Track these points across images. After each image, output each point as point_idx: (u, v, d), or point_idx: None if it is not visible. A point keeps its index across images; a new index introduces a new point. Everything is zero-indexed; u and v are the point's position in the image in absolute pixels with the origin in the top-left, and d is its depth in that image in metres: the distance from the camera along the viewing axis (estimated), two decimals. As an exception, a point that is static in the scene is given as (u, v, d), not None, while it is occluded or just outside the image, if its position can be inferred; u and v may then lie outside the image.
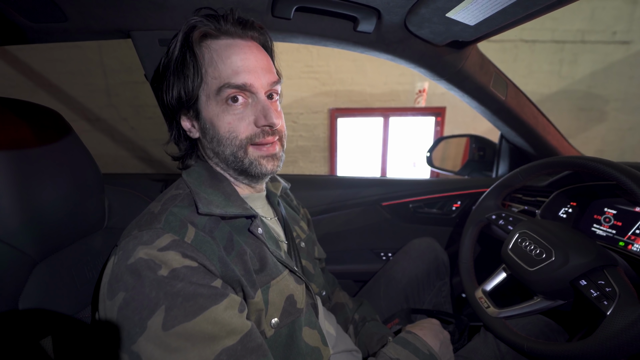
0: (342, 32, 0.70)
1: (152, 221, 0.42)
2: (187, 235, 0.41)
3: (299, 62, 2.78)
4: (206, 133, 0.50)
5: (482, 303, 0.70)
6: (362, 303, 0.76)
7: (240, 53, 0.47)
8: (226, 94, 0.46)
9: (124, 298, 0.36)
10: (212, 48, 0.47)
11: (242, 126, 0.47)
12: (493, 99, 0.88)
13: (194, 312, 0.36)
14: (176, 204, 0.45)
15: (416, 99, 2.93)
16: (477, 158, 1.22)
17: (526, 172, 0.71)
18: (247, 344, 0.38)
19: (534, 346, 0.56)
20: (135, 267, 0.37)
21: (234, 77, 0.46)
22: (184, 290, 0.36)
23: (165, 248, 0.39)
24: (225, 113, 0.47)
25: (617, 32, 2.77)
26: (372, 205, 1.12)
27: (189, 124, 0.51)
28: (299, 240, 0.65)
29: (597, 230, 0.66)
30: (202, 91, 0.48)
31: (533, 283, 0.60)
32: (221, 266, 0.42)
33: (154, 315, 0.35)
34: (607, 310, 0.48)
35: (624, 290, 0.48)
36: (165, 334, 0.34)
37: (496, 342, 0.65)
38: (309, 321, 0.51)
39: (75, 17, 0.59)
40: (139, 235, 0.40)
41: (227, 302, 0.39)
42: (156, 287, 0.36)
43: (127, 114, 2.82)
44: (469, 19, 0.60)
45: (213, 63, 0.46)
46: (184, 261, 0.39)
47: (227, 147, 0.48)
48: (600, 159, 0.56)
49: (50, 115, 0.52)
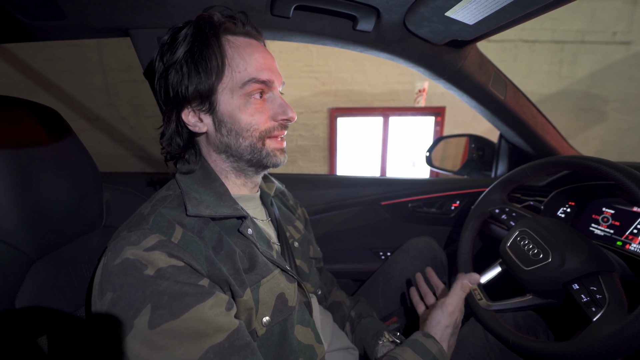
0: (341, 31, 0.70)
1: (141, 222, 0.43)
2: (174, 235, 0.42)
3: (299, 61, 2.77)
4: (222, 126, 0.49)
5: (476, 295, 0.71)
6: (358, 300, 0.77)
7: (261, 51, 0.50)
8: (251, 89, 0.48)
9: (111, 298, 0.36)
10: (234, 44, 0.49)
11: (262, 119, 0.50)
12: (492, 99, 0.87)
13: (180, 310, 0.36)
14: (165, 205, 0.46)
15: (416, 98, 2.93)
16: (476, 158, 1.22)
17: (534, 169, 0.69)
18: (234, 342, 0.38)
19: (518, 341, 0.59)
20: (122, 267, 0.37)
21: (260, 73, 0.48)
22: (170, 289, 0.37)
23: (151, 248, 0.39)
24: (247, 106, 0.49)
25: (617, 33, 2.77)
26: (371, 205, 1.12)
27: (194, 118, 0.50)
28: (292, 240, 0.65)
29: (595, 229, 0.66)
30: (222, 84, 0.48)
31: (526, 282, 0.61)
32: (208, 265, 0.42)
33: (140, 314, 0.35)
34: (594, 317, 0.49)
35: (614, 298, 0.49)
36: (152, 332, 0.35)
37: (484, 333, 0.66)
38: (301, 319, 0.51)
39: (74, 15, 0.59)
40: (127, 236, 0.41)
41: (214, 301, 0.39)
42: (142, 287, 0.36)
43: (126, 113, 2.81)
44: (468, 18, 0.60)
45: (237, 57, 0.48)
46: (170, 261, 0.39)
47: (247, 139, 0.49)
48: (606, 160, 0.55)
49: (48, 114, 0.52)
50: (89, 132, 2.80)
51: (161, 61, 0.48)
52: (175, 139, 0.51)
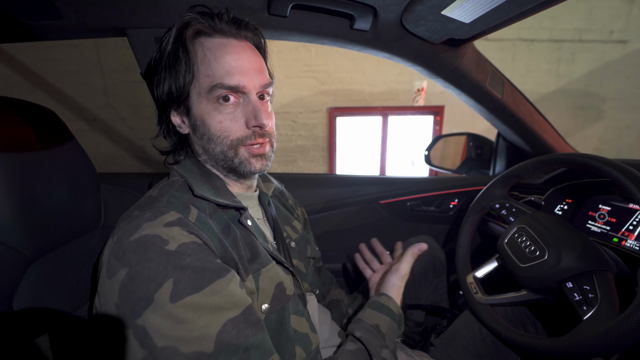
0: (338, 30, 0.70)
1: (153, 202, 0.43)
2: (190, 214, 0.43)
3: (298, 61, 2.77)
4: (196, 130, 0.50)
5: (472, 288, 0.72)
6: (356, 298, 0.77)
7: (233, 53, 0.47)
8: (218, 94, 0.46)
9: (127, 274, 0.36)
10: (205, 46, 0.47)
11: (234, 127, 0.48)
12: (489, 97, 0.88)
13: (201, 284, 0.37)
14: (176, 189, 0.46)
15: (415, 97, 2.93)
16: (475, 156, 1.22)
17: (537, 165, 0.69)
18: (248, 317, 0.39)
19: (510, 335, 0.60)
20: (142, 242, 0.37)
21: (227, 78, 0.46)
22: (193, 264, 0.37)
23: (171, 224, 0.40)
24: (216, 112, 0.47)
25: (614, 31, 2.78)
26: (369, 204, 1.12)
27: (179, 119, 0.51)
28: (290, 240, 0.65)
29: (591, 226, 0.67)
30: (193, 88, 0.48)
31: (522, 278, 0.62)
32: (220, 247, 0.43)
33: (162, 287, 0.35)
34: (584, 316, 0.50)
35: (606, 299, 0.50)
36: (173, 305, 0.35)
37: (478, 325, 0.68)
38: (296, 309, 0.52)
39: (70, 15, 0.59)
40: (141, 214, 0.41)
41: (231, 277, 0.40)
42: (164, 261, 0.36)
43: (125, 113, 2.81)
44: (464, 17, 0.60)
45: (206, 61, 0.46)
46: (191, 237, 0.40)
47: (218, 146, 0.49)
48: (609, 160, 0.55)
49: (44, 114, 0.52)
50: (88, 133, 2.80)
51: (152, 63, 0.50)
52: (169, 137, 0.55)
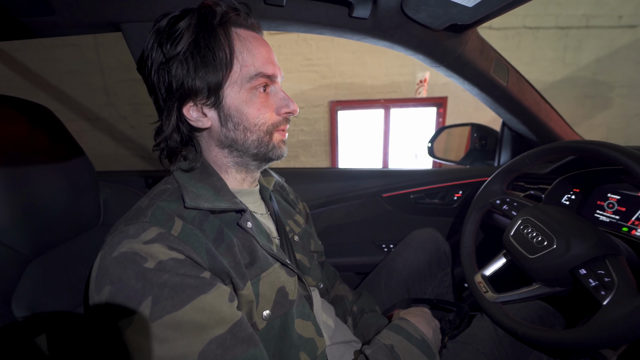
0: (337, 18, 0.68)
1: (139, 215, 0.42)
2: (173, 228, 0.41)
3: (298, 55, 2.74)
4: (228, 121, 0.48)
5: (481, 288, 0.70)
6: (361, 294, 0.76)
7: (265, 46, 0.50)
8: (258, 82, 0.48)
9: (109, 291, 0.36)
10: (240, 36, 0.48)
11: (269, 114, 0.50)
12: (494, 85, 0.85)
13: (181, 302, 0.36)
14: (164, 199, 0.45)
15: (417, 89, 2.89)
16: (479, 147, 1.20)
17: (533, 157, 0.68)
18: (236, 333, 0.38)
19: (528, 332, 0.57)
20: (120, 260, 0.37)
21: (265, 67, 0.48)
22: (171, 281, 0.36)
23: (150, 241, 0.38)
24: (253, 100, 0.49)
25: (623, 16, 2.69)
26: (372, 197, 1.11)
27: (196, 113, 0.48)
28: (293, 234, 0.64)
29: (600, 216, 0.65)
30: (229, 78, 0.47)
31: (532, 270, 0.60)
32: (209, 258, 0.42)
33: (141, 306, 0.35)
34: (604, 301, 0.47)
35: (623, 280, 0.47)
36: (153, 324, 0.34)
37: (493, 327, 0.65)
38: (302, 313, 0.51)
39: (63, 10, 0.58)
40: (125, 229, 0.40)
41: (216, 292, 0.39)
42: (142, 279, 0.36)
43: (126, 112, 2.81)
44: (467, 0, 0.58)
45: (244, 50, 0.47)
46: (171, 253, 0.38)
47: (254, 133, 0.50)
48: (607, 142, 0.54)
49: (40, 112, 0.51)
50: (90, 133, 2.81)
51: (161, 52, 0.45)
52: (174, 135, 0.49)
